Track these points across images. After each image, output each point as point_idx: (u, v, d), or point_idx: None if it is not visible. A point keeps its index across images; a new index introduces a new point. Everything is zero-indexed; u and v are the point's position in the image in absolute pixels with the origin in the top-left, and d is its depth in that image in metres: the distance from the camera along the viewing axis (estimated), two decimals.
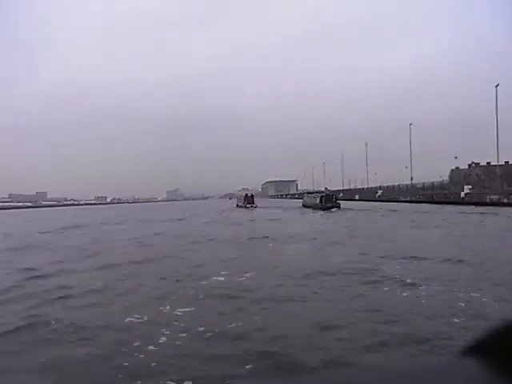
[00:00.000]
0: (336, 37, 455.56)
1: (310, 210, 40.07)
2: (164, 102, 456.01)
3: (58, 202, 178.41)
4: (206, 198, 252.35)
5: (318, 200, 41.46)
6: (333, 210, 36.22)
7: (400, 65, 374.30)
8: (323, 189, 57.71)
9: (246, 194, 52.04)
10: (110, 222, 32.87)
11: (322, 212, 35.30)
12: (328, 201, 39.66)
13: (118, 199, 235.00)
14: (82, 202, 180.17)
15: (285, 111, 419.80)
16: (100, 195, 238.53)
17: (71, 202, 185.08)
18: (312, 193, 55.66)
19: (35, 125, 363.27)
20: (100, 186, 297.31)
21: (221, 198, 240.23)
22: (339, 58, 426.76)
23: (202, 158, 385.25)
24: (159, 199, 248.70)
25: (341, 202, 41.82)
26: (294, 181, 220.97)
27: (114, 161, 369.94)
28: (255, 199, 52.20)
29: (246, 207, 46.97)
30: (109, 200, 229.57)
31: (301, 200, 58.99)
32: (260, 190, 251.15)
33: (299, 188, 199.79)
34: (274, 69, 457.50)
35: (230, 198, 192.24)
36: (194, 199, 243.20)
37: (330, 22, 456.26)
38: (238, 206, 50.68)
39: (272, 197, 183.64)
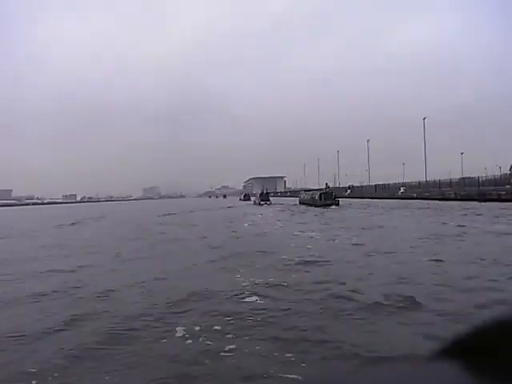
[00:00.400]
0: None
1: (309, 207, 36.87)
2: (141, 94, 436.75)
3: (19, 200, 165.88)
4: (184, 196, 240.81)
5: (316, 197, 38.50)
6: (332, 207, 34.60)
7: (401, 51, 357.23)
8: (314, 187, 55.80)
9: (262, 192, 54.67)
10: None
11: (320, 209, 32.47)
12: (327, 198, 37.29)
13: (89, 198, 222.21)
14: (46, 201, 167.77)
15: (273, 104, 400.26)
16: (69, 193, 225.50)
17: (35, 200, 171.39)
18: (310, 190, 52.07)
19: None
20: (73, 184, 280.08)
21: (200, 196, 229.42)
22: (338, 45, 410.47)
23: (180, 155, 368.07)
24: (133, 198, 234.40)
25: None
26: (282, 177, 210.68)
27: (89, 158, 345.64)
28: (232, 198, 49.93)
29: (260, 204, 48.44)
30: (79, 198, 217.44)
31: (292, 198, 56.80)
32: (241, 187, 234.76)
33: (287, 185, 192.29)
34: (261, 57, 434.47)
35: (210, 196, 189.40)
36: (170, 197, 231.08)
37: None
38: (254, 203, 51.39)
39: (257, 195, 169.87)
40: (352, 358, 3.43)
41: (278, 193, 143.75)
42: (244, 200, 75.06)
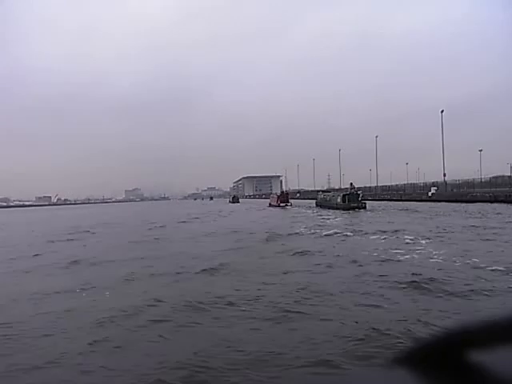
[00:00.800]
0: None
1: (330, 211, 31.81)
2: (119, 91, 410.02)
3: None
4: (168, 198, 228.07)
5: (339, 199, 33.40)
6: (361, 210, 30.29)
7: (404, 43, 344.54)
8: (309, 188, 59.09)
9: (282, 192, 50.09)
10: None
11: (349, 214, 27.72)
12: (353, 200, 32.19)
13: (65, 200, 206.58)
14: (12, 204, 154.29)
15: (265, 101, 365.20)
16: (44, 195, 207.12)
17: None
18: (328, 191, 47.33)
19: None
20: (50, 185, 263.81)
21: (185, 198, 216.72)
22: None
23: (165, 156, 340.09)
24: (113, 200, 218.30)
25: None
26: (278, 176, 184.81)
27: (69, 158, 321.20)
28: (219, 200, 52.51)
29: (279, 206, 43.66)
30: (55, 200, 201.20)
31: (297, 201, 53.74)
32: (229, 189, 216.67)
33: (279, 186, 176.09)
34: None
35: (196, 199, 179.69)
36: (153, 199, 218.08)
37: None
38: (270, 205, 46.57)
39: (249, 197, 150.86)
40: None
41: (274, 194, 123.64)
42: (233, 202, 70.82)
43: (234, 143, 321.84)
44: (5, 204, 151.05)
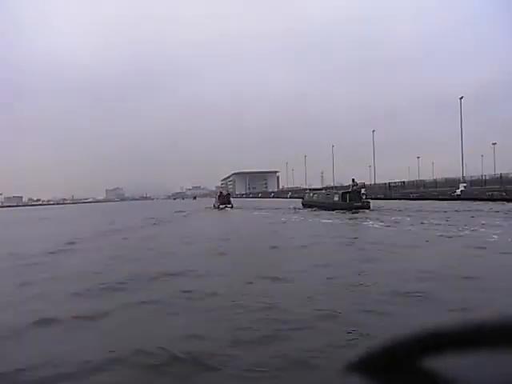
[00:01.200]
0: None
1: (320, 211, 25.82)
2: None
3: None
4: (150, 198, 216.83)
5: (336, 197, 27.56)
6: (366, 211, 24.18)
7: None
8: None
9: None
10: None
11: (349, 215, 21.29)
12: (354, 198, 26.22)
13: (37, 200, 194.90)
14: None
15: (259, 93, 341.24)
16: (14, 195, 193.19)
17: None
18: (317, 189, 42.71)
19: None
20: (22, 184, 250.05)
21: (168, 197, 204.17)
22: None
23: (147, 154, 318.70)
24: (90, 200, 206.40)
25: None
26: (274, 172, 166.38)
27: (45, 157, 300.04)
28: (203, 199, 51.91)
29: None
30: (26, 200, 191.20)
31: (286, 200, 49.33)
32: (215, 188, 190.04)
33: (276, 183, 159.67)
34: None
35: (175, 198, 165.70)
36: (134, 199, 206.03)
37: None
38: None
39: (240, 196, 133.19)
40: None
41: (270, 193, 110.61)
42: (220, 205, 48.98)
43: (225, 142, 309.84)
44: None
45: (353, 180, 29.41)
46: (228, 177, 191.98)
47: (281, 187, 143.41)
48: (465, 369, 0.56)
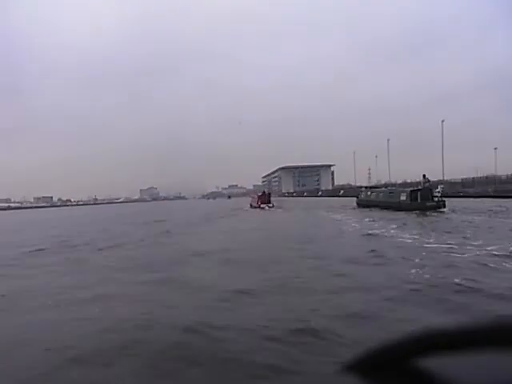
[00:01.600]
0: None
1: (383, 213, 22.33)
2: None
3: None
4: (185, 197, 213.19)
5: (403, 196, 24.37)
6: (443, 209, 21.85)
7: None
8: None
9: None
10: None
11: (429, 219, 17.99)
12: (425, 197, 23.06)
13: (67, 200, 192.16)
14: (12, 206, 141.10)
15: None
16: (45, 195, 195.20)
17: None
18: (375, 187, 37.36)
19: None
20: (55, 185, 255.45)
21: (203, 197, 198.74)
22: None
23: (182, 154, 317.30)
24: (120, 200, 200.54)
25: None
26: (328, 166, 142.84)
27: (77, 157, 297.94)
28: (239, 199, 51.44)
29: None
30: (56, 200, 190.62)
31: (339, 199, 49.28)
32: (252, 186, 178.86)
33: (330, 179, 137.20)
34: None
35: (209, 198, 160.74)
36: (167, 199, 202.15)
37: None
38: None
39: (289, 195, 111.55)
40: None
41: (318, 191, 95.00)
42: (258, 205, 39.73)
43: (272, 133, 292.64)
44: (6, 206, 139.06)
45: (424, 176, 25.91)
46: (272, 173, 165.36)
47: (335, 184, 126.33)
48: (460, 370, 0.57)
